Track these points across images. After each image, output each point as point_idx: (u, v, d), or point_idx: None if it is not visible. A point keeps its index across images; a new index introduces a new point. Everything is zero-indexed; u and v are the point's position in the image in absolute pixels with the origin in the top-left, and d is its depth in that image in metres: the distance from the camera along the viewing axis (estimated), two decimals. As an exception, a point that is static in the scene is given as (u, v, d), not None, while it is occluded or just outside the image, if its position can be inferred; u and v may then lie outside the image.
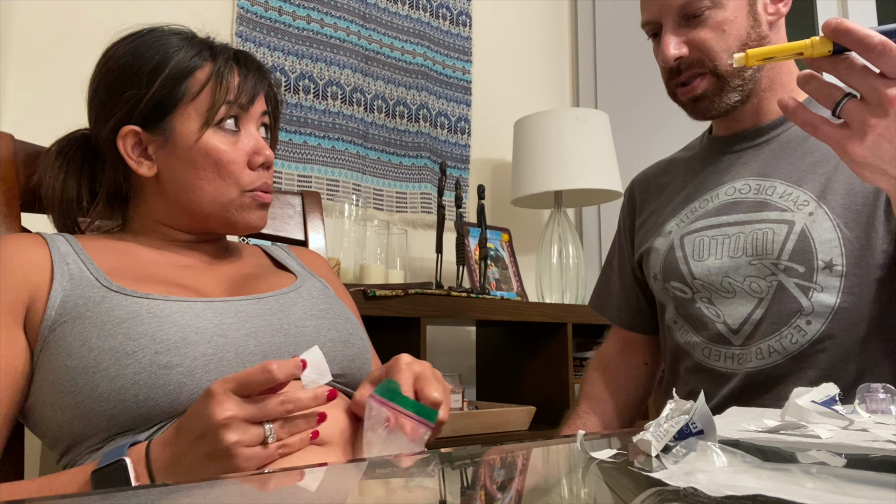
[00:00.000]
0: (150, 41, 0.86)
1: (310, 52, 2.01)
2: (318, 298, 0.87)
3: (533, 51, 2.64)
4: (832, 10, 2.13)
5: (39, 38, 1.61)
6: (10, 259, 0.77)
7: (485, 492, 0.46)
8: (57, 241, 0.81)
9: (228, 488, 0.47)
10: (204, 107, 0.83)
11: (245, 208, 0.87)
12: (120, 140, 0.84)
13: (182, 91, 0.83)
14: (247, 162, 0.86)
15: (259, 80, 0.88)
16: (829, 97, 0.68)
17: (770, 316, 0.99)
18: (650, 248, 1.14)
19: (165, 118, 0.83)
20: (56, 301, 0.75)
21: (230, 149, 0.85)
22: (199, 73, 0.84)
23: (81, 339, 0.71)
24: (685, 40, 1.02)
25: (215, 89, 0.84)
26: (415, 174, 2.21)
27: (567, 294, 2.15)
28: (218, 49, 0.87)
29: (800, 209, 0.98)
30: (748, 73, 1.03)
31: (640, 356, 1.26)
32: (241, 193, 0.86)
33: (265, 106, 0.90)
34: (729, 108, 1.05)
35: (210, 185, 0.84)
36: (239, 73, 0.86)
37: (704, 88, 1.03)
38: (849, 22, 0.63)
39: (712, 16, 1.00)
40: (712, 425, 0.52)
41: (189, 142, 0.83)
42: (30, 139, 0.95)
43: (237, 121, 0.86)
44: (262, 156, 0.87)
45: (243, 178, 0.86)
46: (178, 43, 0.86)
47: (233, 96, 0.84)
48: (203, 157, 0.83)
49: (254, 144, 0.86)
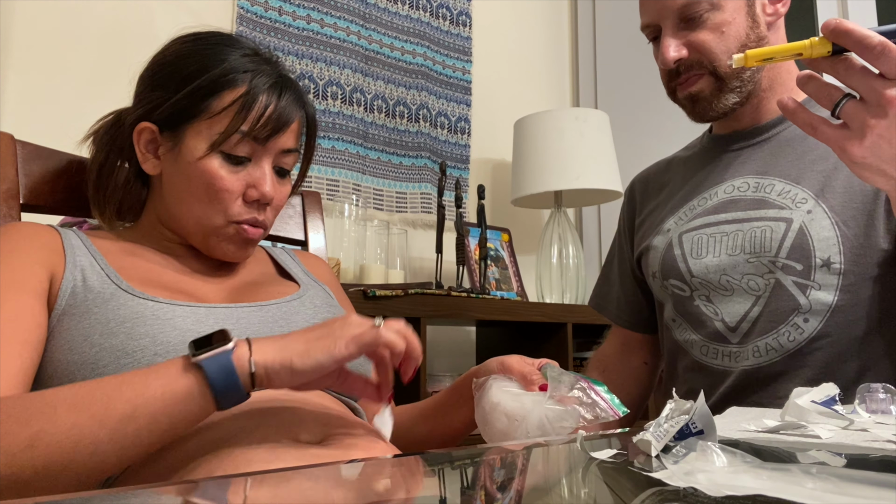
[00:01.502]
0: (202, 48, 0.84)
1: (310, 52, 2.01)
2: (321, 307, 0.88)
3: (533, 51, 2.64)
4: (832, 10, 2.13)
5: (39, 38, 1.61)
6: (34, 237, 0.77)
7: (485, 492, 0.46)
8: (68, 235, 0.82)
9: (225, 488, 0.47)
10: (217, 129, 0.81)
11: (226, 239, 0.85)
12: (136, 133, 0.85)
13: (204, 107, 0.81)
14: (243, 193, 0.83)
15: (290, 114, 0.84)
16: (829, 98, 0.68)
17: (767, 314, 0.99)
18: (649, 246, 1.14)
19: (181, 127, 0.83)
20: (67, 290, 0.75)
21: (230, 177, 0.82)
22: (227, 94, 0.81)
23: (84, 335, 0.71)
24: (685, 42, 1.02)
25: (235, 116, 0.80)
26: (415, 174, 2.21)
27: (567, 294, 2.15)
28: (265, 73, 0.83)
29: (798, 207, 0.98)
30: (746, 75, 1.03)
31: (639, 355, 1.26)
32: (226, 223, 0.83)
33: (293, 143, 0.86)
34: (728, 110, 1.05)
35: (198, 206, 0.83)
36: (271, 105, 0.82)
37: (702, 88, 1.04)
38: (848, 23, 0.63)
39: (711, 18, 1.01)
40: (712, 425, 0.52)
41: (191, 158, 0.82)
42: (30, 139, 0.95)
43: (253, 150, 0.83)
44: (258, 192, 0.83)
45: (232, 209, 0.83)
46: (226, 57, 0.83)
47: (248, 128, 0.81)
48: (199, 177, 0.82)
49: (256, 179, 0.83)
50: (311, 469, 0.55)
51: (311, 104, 0.91)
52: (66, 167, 0.96)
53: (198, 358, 0.60)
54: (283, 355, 0.63)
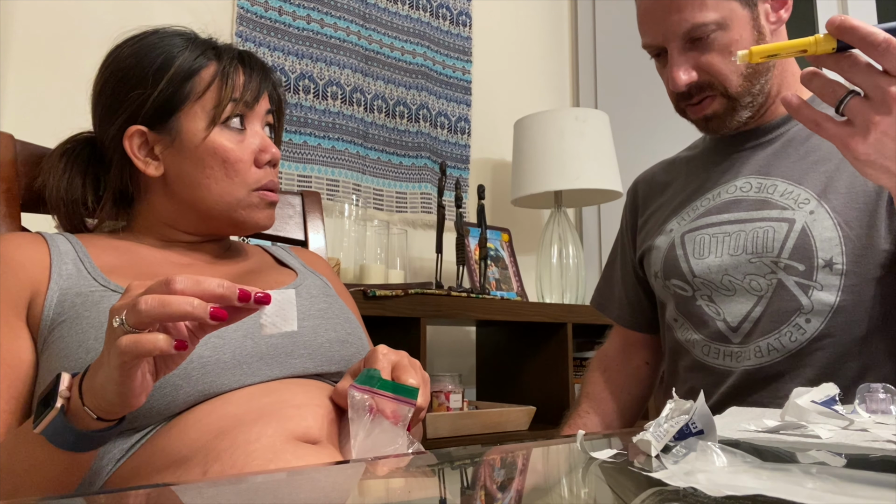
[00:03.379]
0: (154, 41, 0.86)
1: (310, 52, 2.01)
2: (318, 297, 0.88)
3: (533, 51, 2.64)
4: (832, 10, 2.14)
5: (39, 38, 1.61)
6: (11, 257, 0.77)
7: (485, 492, 0.46)
8: (57, 241, 0.81)
9: (224, 488, 0.47)
10: (210, 105, 0.84)
11: (253, 207, 0.87)
12: (126, 140, 0.84)
13: (188, 90, 0.83)
14: (253, 160, 0.86)
15: (263, 78, 0.88)
16: (833, 94, 0.67)
17: (769, 314, 0.99)
18: (651, 246, 1.14)
19: (172, 117, 0.83)
20: (53, 300, 0.75)
21: (237, 147, 0.85)
22: (204, 72, 0.84)
23: (78, 341, 0.71)
24: (693, 65, 1.00)
25: (221, 88, 0.84)
26: (415, 174, 2.21)
27: (567, 294, 2.15)
28: (222, 49, 0.88)
29: (800, 207, 0.98)
30: (756, 88, 1.02)
31: (641, 356, 1.26)
32: (248, 192, 0.86)
33: (269, 105, 0.90)
34: (741, 125, 1.05)
35: (217, 185, 0.84)
36: (243, 72, 0.87)
37: (715, 109, 1.03)
38: (853, 19, 0.63)
39: (719, 38, 0.98)
40: (712, 425, 0.52)
41: (196, 140, 0.83)
42: (30, 139, 0.95)
43: (242, 119, 0.86)
44: (269, 153, 0.87)
45: (250, 177, 0.86)
46: (181, 43, 0.86)
47: (238, 94, 0.85)
48: (210, 156, 0.84)
49: (260, 142, 0.87)
50: (311, 469, 0.55)
51: (266, 63, 0.94)
52: (65, 167, 0.96)
53: (37, 430, 0.60)
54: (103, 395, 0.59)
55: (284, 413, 0.70)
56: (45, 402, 0.60)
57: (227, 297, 0.57)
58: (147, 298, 0.55)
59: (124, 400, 0.58)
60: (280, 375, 0.77)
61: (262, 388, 0.74)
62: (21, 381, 0.72)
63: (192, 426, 0.68)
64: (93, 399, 0.59)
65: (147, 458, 0.68)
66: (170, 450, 0.67)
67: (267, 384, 0.75)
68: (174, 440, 0.68)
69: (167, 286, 0.56)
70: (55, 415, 0.59)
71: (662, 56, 1.05)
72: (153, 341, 0.55)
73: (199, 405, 0.71)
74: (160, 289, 0.56)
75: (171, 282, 0.56)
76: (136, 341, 0.55)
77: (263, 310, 0.59)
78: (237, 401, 0.71)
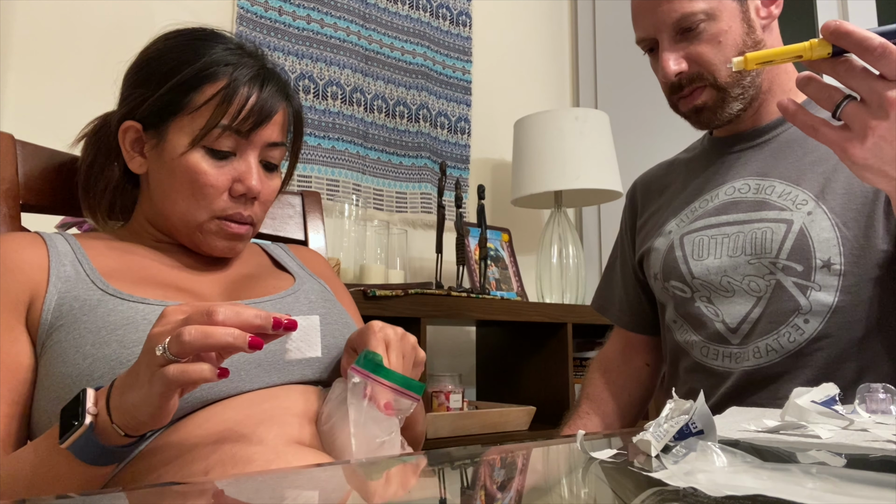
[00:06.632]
0: (183, 43, 0.84)
1: (310, 52, 2.01)
2: (316, 302, 0.87)
3: (533, 51, 2.64)
4: (832, 10, 2.13)
5: (39, 38, 1.61)
6: (9, 258, 0.76)
7: (485, 492, 0.46)
8: (56, 241, 0.81)
9: (226, 487, 0.48)
10: (198, 125, 0.80)
11: (211, 234, 0.84)
12: (121, 132, 0.85)
13: (186, 101, 0.81)
14: (229, 188, 0.82)
15: (273, 106, 0.83)
16: (829, 99, 0.67)
17: (768, 315, 0.99)
18: (650, 247, 1.14)
19: (164, 123, 0.83)
20: (52, 303, 0.74)
21: (214, 172, 0.81)
22: (208, 87, 0.81)
23: (76, 346, 0.71)
24: (684, 55, 1.02)
25: (215, 109, 0.80)
26: (415, 174, 2.21)
27: (567, 294, 2.15)
28: (246, 65, 0.82)
29: (798, 208, 0.98)
30: (747, 81, 1.03)
31: (641, 357, 1.26)
32: (210, 218, 0.83)
33: (278, 137, 0.85)
34: (732, 118, 1.05)
35: (183, 202, 0.82)
36: (255, 98, 0.81)
37: (705, 100, 1.04)
38: (848, 24, 0.63)
39: (707, 28, 1.00)
40: (712, 425, 0.52)
41: (174, 154, 0.81)
42: (30, 139, 0.95)
43: (238, 145, 0.82)
44: (244, 186, 0.82)
45: (217, 204, 0.82)
46: (208, 51, 0.82)
47: (229, 121, 0.80)
48: (182, 173, 0.81)
49: (241, 173, 0.82)
50: (312, 469, 0.55)
51: (297, 98, 0.90)
52: (66, 167, 0.96)
53: (64, 445, 0.60)
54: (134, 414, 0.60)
55: (285, 420, 0.70)
56: (72, 417, 0.61)
57: (264, 328, 0.59)
58: (190, 330, 0.57)
59: (156, 420, 0.59)
60: (279, 382, 0.76)
61: (262, 393, 0.73)
62: (21, 385, 0.72)
63: (193, 430, 0.68)
64: (122, 416, 0.60)
65: (148, 462, 0.68)
66: (171, 453, 0.67)
67: (267, 390, 0.74)
68: (175, 443, 0.68)
69: (209, 317, 0.58)
70: (83, 431, 0.60)
71: (655, 51, 1.06)
72: (199, 372, 0.57)
73: (199, 410, 0.71)
74: (201, 319, 0.58)
75: (214, 313, 0.58)
76: (184, 371, 0.57)
77: (290, 336, 0.61)
78: (238, 406, 0.71)
